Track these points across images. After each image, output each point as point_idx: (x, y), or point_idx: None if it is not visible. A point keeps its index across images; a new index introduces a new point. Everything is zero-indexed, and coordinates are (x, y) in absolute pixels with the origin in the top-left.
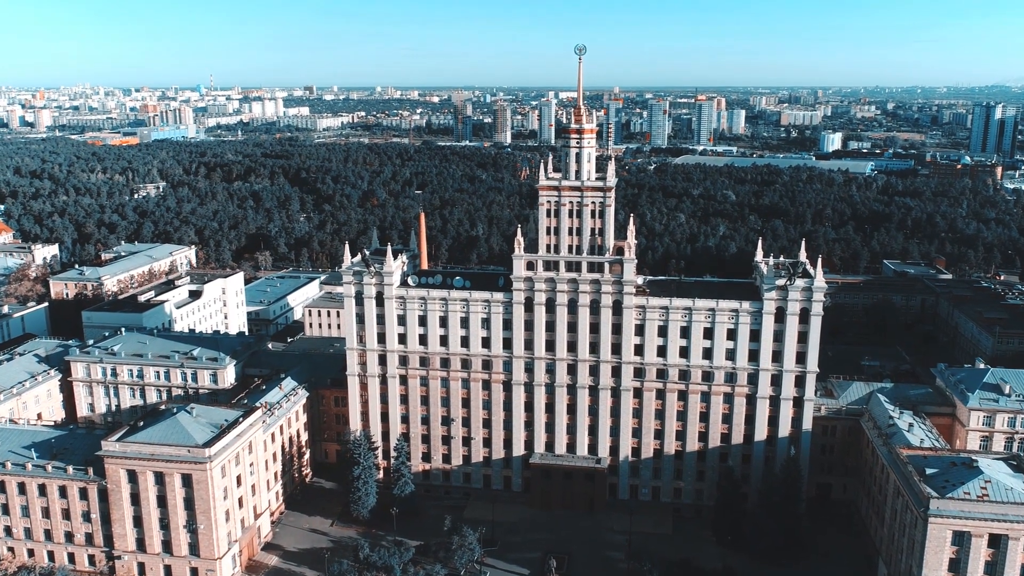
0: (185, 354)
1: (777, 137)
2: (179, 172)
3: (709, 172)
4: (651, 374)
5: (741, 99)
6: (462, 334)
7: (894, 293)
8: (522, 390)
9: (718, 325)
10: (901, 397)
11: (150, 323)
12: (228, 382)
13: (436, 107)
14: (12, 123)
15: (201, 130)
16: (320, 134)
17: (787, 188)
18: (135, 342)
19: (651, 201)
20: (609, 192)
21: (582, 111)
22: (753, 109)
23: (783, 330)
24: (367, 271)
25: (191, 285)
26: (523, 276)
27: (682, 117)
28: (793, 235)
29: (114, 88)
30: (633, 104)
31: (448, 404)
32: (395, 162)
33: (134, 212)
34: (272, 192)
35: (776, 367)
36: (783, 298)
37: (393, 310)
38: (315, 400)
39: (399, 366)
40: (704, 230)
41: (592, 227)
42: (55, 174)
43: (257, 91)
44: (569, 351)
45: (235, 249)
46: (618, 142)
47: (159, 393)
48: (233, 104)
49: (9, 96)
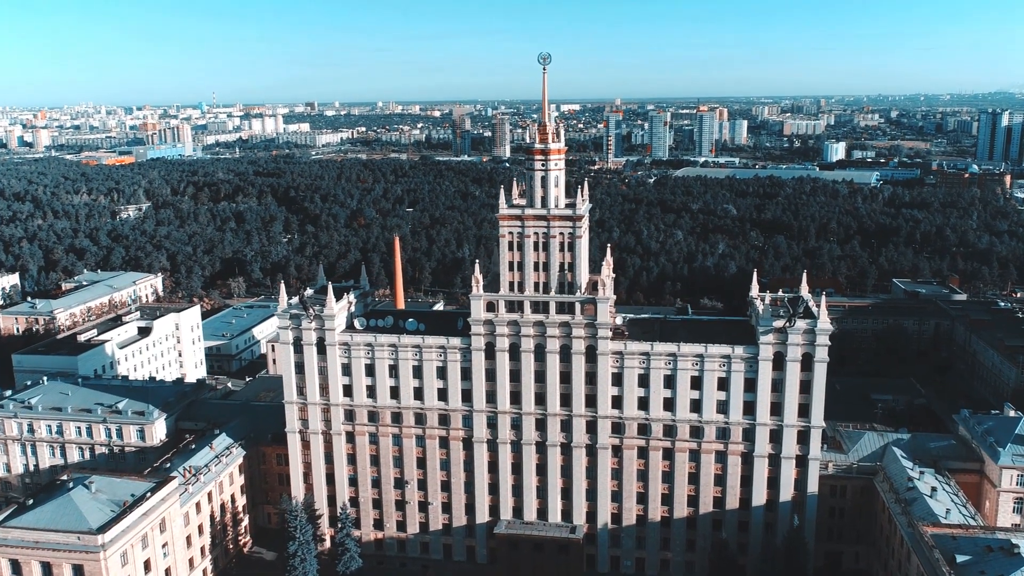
0: (109, 407)
1: (780, 147)
2: (167, 192)
3: (710, 185)
4: (631, 430)
5: (743, 109)
6: (415, 385)
7: (906, 317)
8: (484, 448)
9: (707, 373)
10: (920, 451)
11: (87, 367)
12: (157, 439)
13: (437, 121)
14: (11, 143)
15: (199, 148)
16: (319, 150)
17: (790, 201)
18: (56, 393)
19: (648, 217)
20: (580, 221)
21: (548, 128)
22: (755, 119)
23: (782, 379)
24: (306, 314)
25: (140, 321)
26: (483, 319)
27: (684, 128)
28: (796, 252)
29: (116, 106)
30: (634, 116)
31: (401, 464)
32: (389, 179)
33: (108, 236)
34: (257, 213)
35: (775, 421)
36: (782, 342)
37: (336, 358)
38: (255, 459)
39: (345, 422)
40: (703, 248)
41: (561, 261)
42: (38, 196)
43: (258, 108)
44: (537, 404)
45: (208, 275)
46: (618, 155)
47: (81, 452)
48: (234, 121)
49: (11, 116)
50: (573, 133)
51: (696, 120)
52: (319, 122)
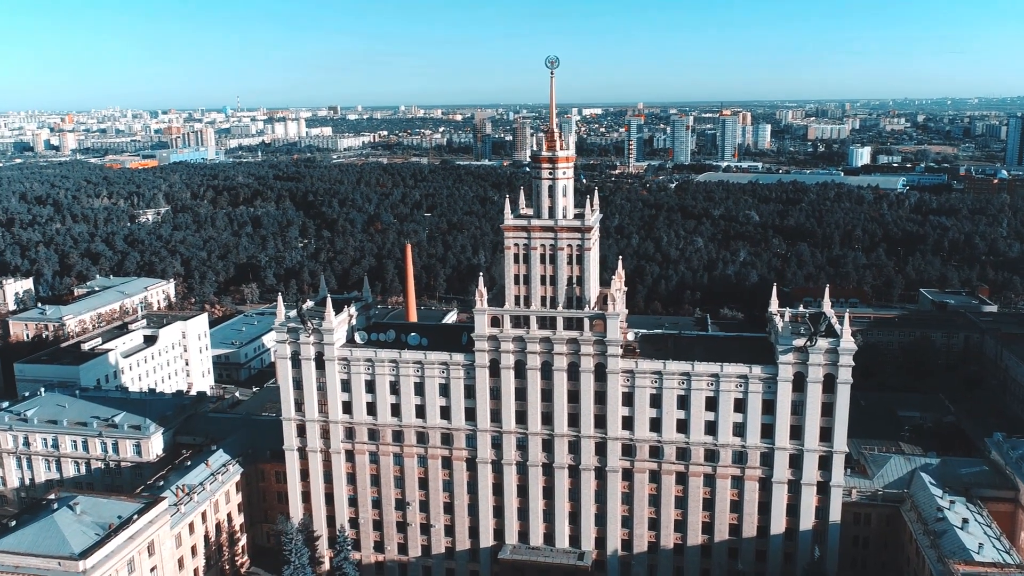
0: (106, 421)
1: (804, 152)
2: (187, 196)
3: (732, 190)
4: (643, 452)
5: (767, 113)
6: (417, 402)
7: (933, 329)
8: (489, 469)
9: (723, 394)
10: (950, 477)
11: (89, 377)
12: (154, 454)
13: (459, 125)
14: (38, 146)
15: (221, 151)
16: (340, 154)
17: (814, 207)
18: (53, 405)
19: (669, 223)
20: (589, 232)
21: (555, 135)
22: (779, 123)
23: (803, 401)
24: (304, 328)
25: (146, 329)
26: (487, 334)
27: (706, 132)
28: (820, 260)
29: (142, 110)
30: (656, 120)
31: (403, 485)
32: (408, 183)
33: (124, 241)
34: (274, 217)
35: (795, 445)
36: (802, 362)
37: (335, 374)
38: (253, 476)
39: (344, 439)
40: (724, 255)
41: (569, 275)
42: (59, 199)
43: (282, 112)
44: (544, 424)
45: (222, 281)
46: (640, 159)
47: (77, 466)
48: (257, 125)
49: (39, 120)
50: (594, 137)
51: (719, 124)
52: (341, 126)
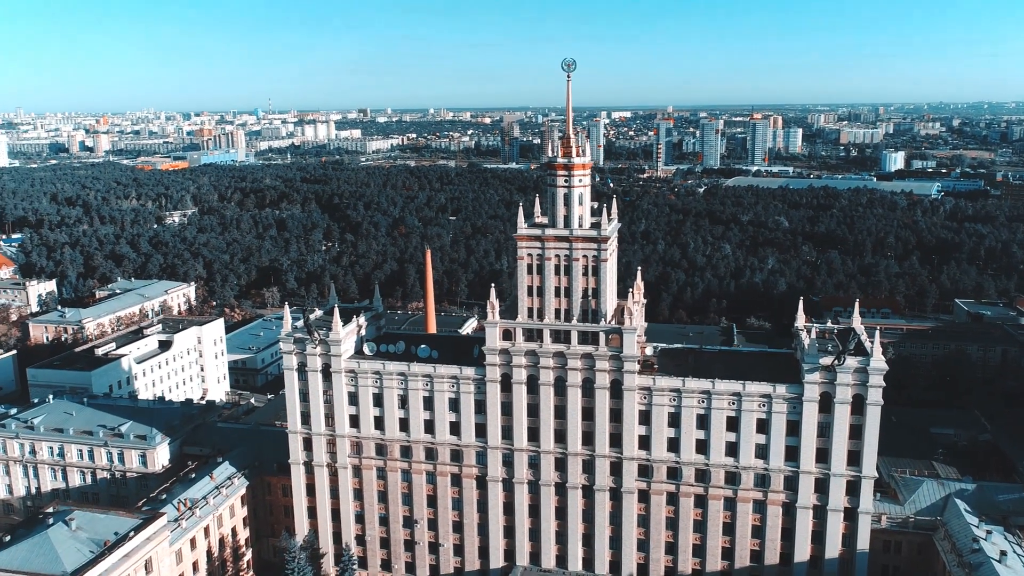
0: (112, 430)
1: (836, 156)
2: (214, 198)
3: (761, 195)
4: (660, 473)
5: (799, 117)
6: (425, 417)
7: (969, 342)
8: (500, 488)
9: (745, 414)
10: (987, 503)
11: (101, 383)
12: (160, 464)
13: (487, 128)
14: (72, 148)
15: (251, 154)
16: (368, 156)
17: (845, 213)
18: (61, 412)
19: (696, 229)
20: (605, 243)
21: (572, 141)
22: (811, 127)
23: (830, 422)
24: (310, 339)
25: (161, 334)
26: (498, 348)
27: (737, 136)
28: (851, 268)
29: (175, 112)
30: (686, 123)
31: (411, 502)
32: (434, 186)
33: (149, 243)
34: (299, 220)
35: (821, 469)
36: (829, 381)
37: (343, 386)
38: (260, 489)
39: (351, 454)
40: (751, 262)
41: (584, 287)
42: (89, 201)
43: (312, 114)
44: (557, 442)
45: (243, 284)
46: (668, 163)
47: (82, 476)
48: (287, 127)
49: (75, 121)
50: (623, 141)
51: (749, 128)
52: (370, 128)
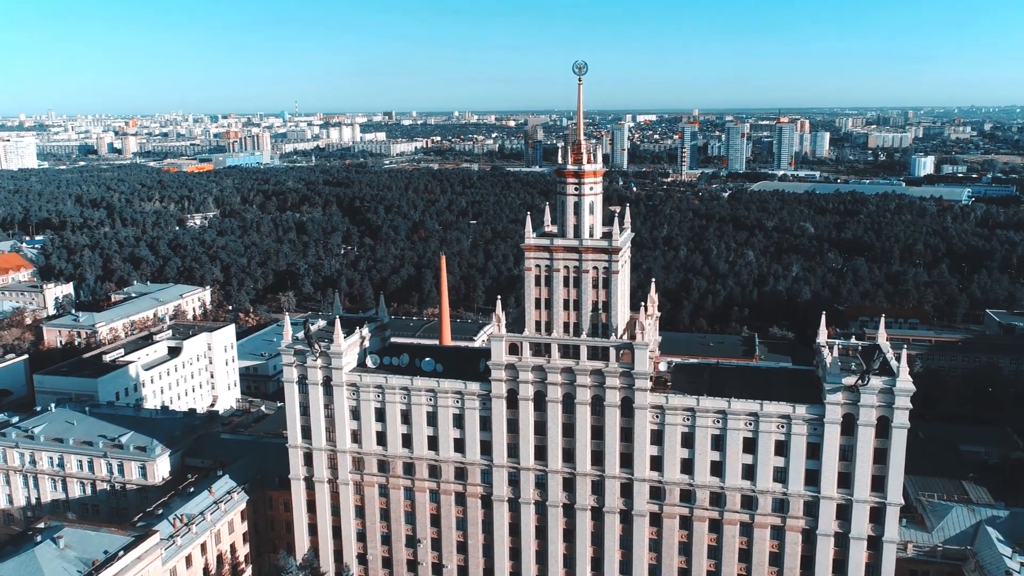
0: (112, 441)
1: (864, 160)
2: (236, 200)
3: (787, 200)
4: (673, 496)
5: (826, 121)
6: (429, 433)
7: (1000, 355)
8: (505, 508)
9: (763, 435)
10: (1020, 532)
11: (108, 390)
12: (159, 477)
13: (512, 131)
14: (101, 150)
15: (276, 156)
16: (393, 159)
17: (873, 219)
18: (62, 422)
19: (719, 234)
20: (616, 254)
21: (583, 147)
22: (839, 131)
23: (852, 445)
24: (311, 351)
25: (171, 340)
26: (504, 362)
27: (763, 140)
28: (878, 276)
29: (203, 115)
30: (712, 127)
31: (414, 521)
32: (456, 189)
33: (168, 246)
34: (319, 223)
35: (843, 495)
36: (853, 402)
37: (344, 400)
38: (261, 504)
39: (352, 470)
40: (775, 269)
41: (594, 299)
42: (112, 203)
43: (337, 117)
44: (565, 461)
45: (260, 288)
46: (693, 167)
47: (82, 487)
48: (313, 130)
49: (104, 123)
50: (647, 144)
51: (776, 132)
52: (395, 131)
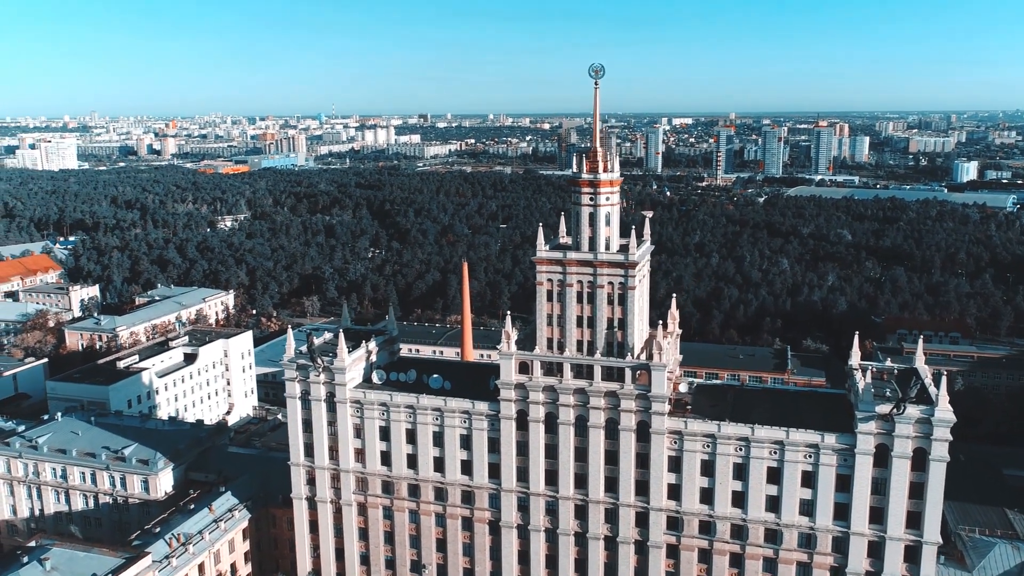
0: (115, 453)
1: (904, 165)
2: (268, 202)
3: (824, 206)
4: (691, 527)
5: (866, 124)
6: (435, 454)
7: None
8: (514, 535)
9: (788, 465)
10: None
11: (119, 398)
12: (162, 491)
13: (546, 134)
14: (140, 151)
15: (311, 158)
16: (426, 162)
17: (913, 226)
18: (67, 432)
19: (753, 241)
20: (633, 269)
21: (599, 155)
22: (879, 135)
23: (886, 479)
24: (313, 365)
25: (187, 347)
26: (513, 382)
27: (800, 144)
28: (917, 287)
29: (242, 117)
30: (748, 130)
31: (419, 545)
32: (487, 193)
33: (196, 249)
34: (348, 226)
35: (876, 531)
36: (887, 432)
37: (347, 418)
38: (265, 522)
39: (356, 491)
40: (810, 278)
41: (609, 316)
42: (147, 204)
43: (374, 119)
44: (577, 487)
45: (285, 292)
46: (728, 171)
47: (85, 499)
48: (348, 132)
49: (145, 125)
50: (683, 148)
51: (814, 136)
52: (430, 134)
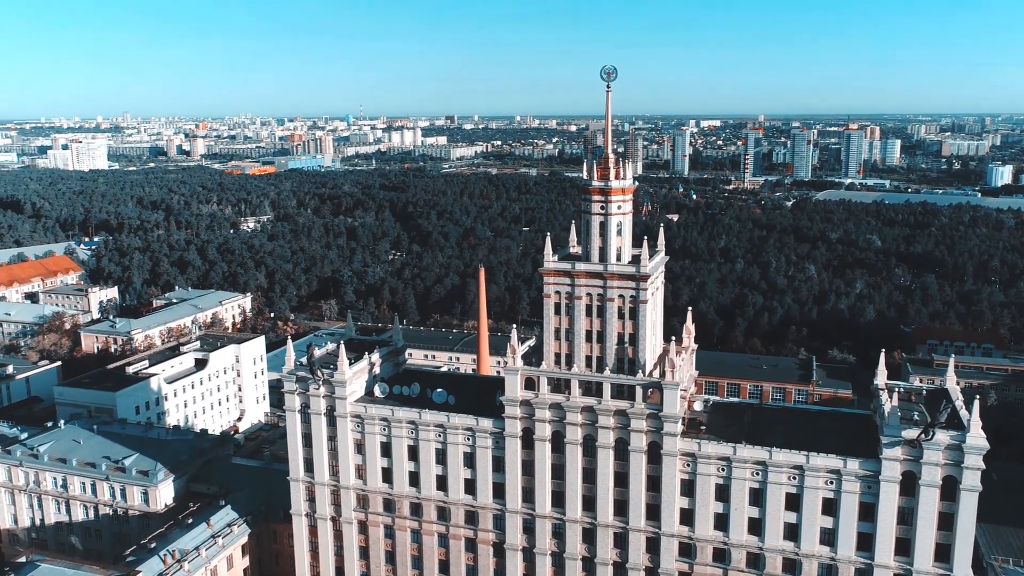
0: (115, 463)
1: (937, 169)
2: (292, 204)
3: (854, 210)
4: (705, 554)
5: (898, 127)
6: (438, 472)
7: None
8: (519, 558)
9: (808, 491)
10: None
11: (127, 404)
12: (162, 503)
13: (573, 136)
14: (170, 151)
15: (337, 159)
16: (452, 163)
17: (945, 232)
18: (69, 440)
19: (780, 246)
20: (645, 282)
21: (610, 162)
22: (911, 138)
23: (913, 508)
24: (313, 378)
25: (198, 352)
26: (519, 398)
27: (830, 147)
28: (949, 296)
29: (271, 118)
30: (777, 133)
31: (420, 566)
32: (511, 195)
33: (217, 250)
34: (370, 228)
35: (901, 563)
36: (914, 459)
37: (348, 433)
38: (266, 537)
39: (357, 508)
40: (837, 285)
41: (620, 332)
42: (171, 205)
43: (401, 120)
44: (585, 510)
45: (303, 295)
46: (756, 174)
47: (86, 510)
48: (375, 133)
49: (175, 126)
50: (710, 150)
51: (844, 138)
52: (456, 135)
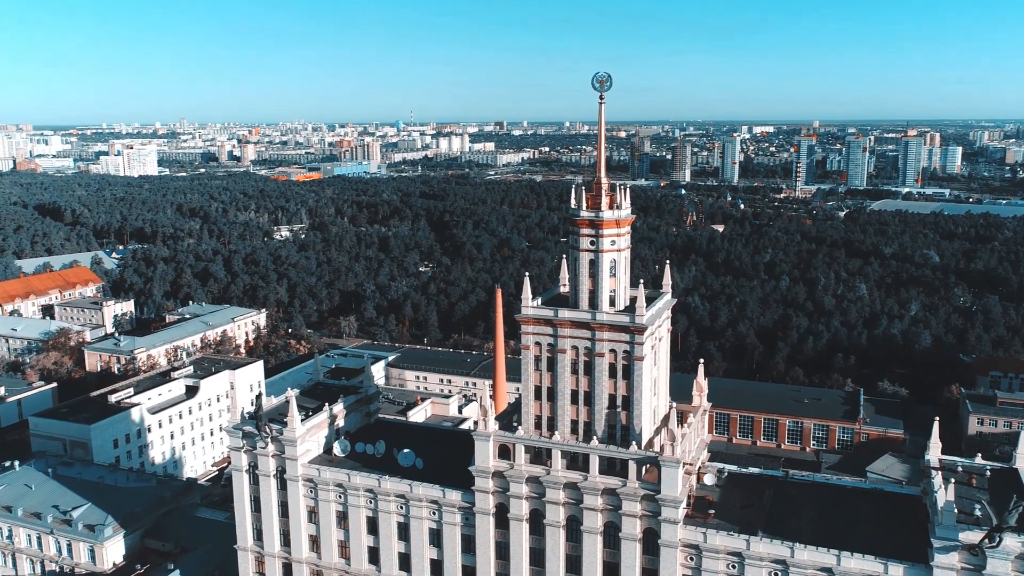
0: (63, 515)
1: (1000, 178)
2: (330, 212)
3: (910, 222)
4: None
5: (959, 134)
6: (400, 550)
7: None
8: None
9: None
10: None
11: (103, 437)
12: (110, 562)
13: (621, 142)
14: (221, 157)
15: (384, 166)
16: (498, 170)
17: (1009, 247)
18: (20, 485)
19: (829, 261)
20: (641, 335)
21: (603, 187)
22: (972, 145)
23: None
24: (260, 435)
25: (190, 378)
26: (491, 469)
27: (887, 154)
28: (1014, 320)
29: (322, 123)
30: (832, 139)
31: None
32: (551, 203)
33: (243, 261)
34: (402, 238)
35: None
36: (975, 568)
37: (300, 498)
38: None
39: None
40: (890, 307)
41: (611, 393)
42: (210, 212)
43: (450, 127)
44: None
45: (324, 310)
46: (808, 183)
47: (32, 565)
48: (424, 139)
49: (229, 131)
50: (762, 157)
51: (901, 145)
52: (504, 141)
